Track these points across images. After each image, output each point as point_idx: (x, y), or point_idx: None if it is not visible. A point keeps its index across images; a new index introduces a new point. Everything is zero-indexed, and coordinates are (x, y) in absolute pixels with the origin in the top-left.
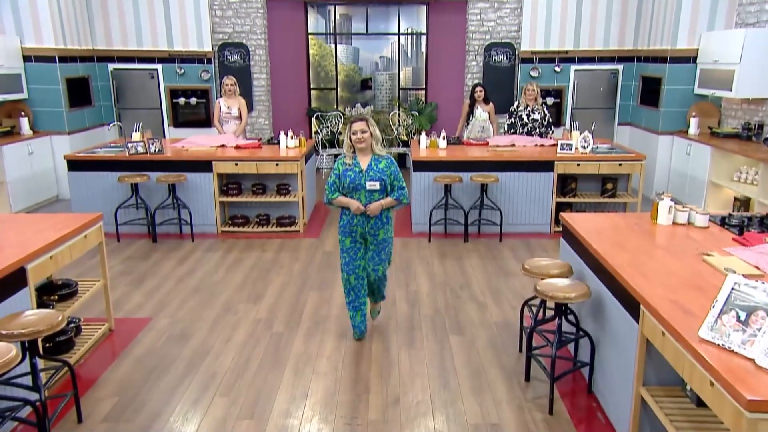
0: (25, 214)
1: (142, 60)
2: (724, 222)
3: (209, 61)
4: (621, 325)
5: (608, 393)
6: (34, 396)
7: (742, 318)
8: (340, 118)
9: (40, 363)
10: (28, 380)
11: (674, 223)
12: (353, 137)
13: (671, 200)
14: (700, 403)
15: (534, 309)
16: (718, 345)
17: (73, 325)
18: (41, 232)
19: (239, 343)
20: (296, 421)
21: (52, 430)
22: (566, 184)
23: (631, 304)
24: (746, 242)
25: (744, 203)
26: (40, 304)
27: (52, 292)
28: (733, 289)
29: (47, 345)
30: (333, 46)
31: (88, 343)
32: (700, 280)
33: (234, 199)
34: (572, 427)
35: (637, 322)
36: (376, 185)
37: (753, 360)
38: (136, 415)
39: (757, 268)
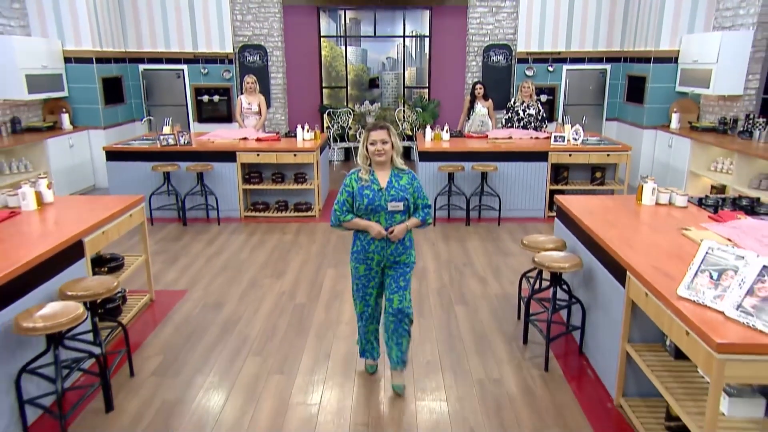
0: (78, 196)
1: (169, 61)
2: (701, 202)
3: (230, 61)
4: (609, 290)
5: (597, 352)
6: (96, 350)
7: (715, 277)
8: (350, 114)
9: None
10: (86, 339)
11: (657, 204)
12: (371, 148)
13: (654, 183)
14: (678, 356)
15: (531, 280)
16: (694, 301)
17: (120, 294)
18: (94, 211)
19: (266, 312)
20: (321, 377)
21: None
22: (559, 173)
23: (619, 272)
24: (720, 219)
25: (720, 191)
26: (93, 275)
27: (102, 265)
28: (707, 252)
29: (99, 311)
30: (343, 47)
31: (133, 310)
32: (679, 251)
33: (255, 186)
34: (565, 382)
35: (624, 287)
36: (399, 206)
37: (723, 312)
38: (179, 370)
39: (729, 240)
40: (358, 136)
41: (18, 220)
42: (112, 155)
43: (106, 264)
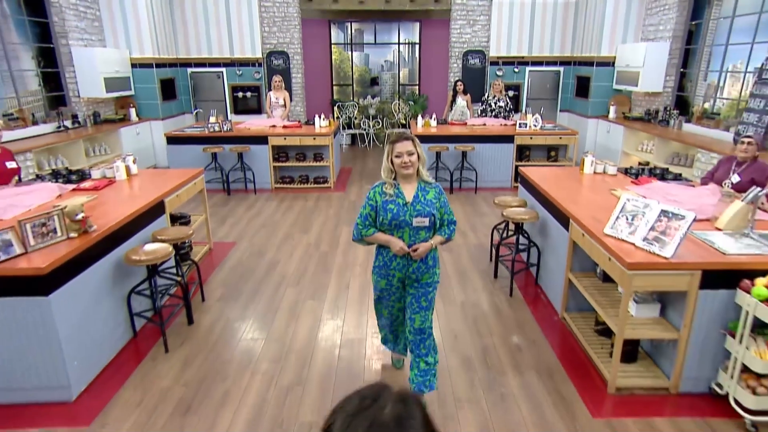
0: (154, 169)
1: (211, 65)
2: (626, 171)
3: (260, 64)
4: (557, 235)
5: (548, 281)
6: (179, 280)
7: (630, 219)
8: (355, 106)
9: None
10: (171, 272)
11: (594, 173)
12: (397, 161)
13: (593, 157)
14: (605, 280)
15: (499, 231)
16: (615, 237)
17: (187, 244)
18: (169, 180)
19: (298, 257)
20: (342, 302)
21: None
22: (522, 152)
23: (564, 221)
24: (638, 183)
25: (645, 165)
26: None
27: (175, 221)
28: (625, 203)
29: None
30: (349, 52)
31: (198, 255)
32: (608, 204)
33: (283, 164)
34: (524, 304)
35: (568, 231)
36: (425, 222)
37: (633, 243)
38: (237, 298)
39: (644, 196)
40: (362, 125)
41: (115, 187)
42: (172, 140)
43: (178, 220)
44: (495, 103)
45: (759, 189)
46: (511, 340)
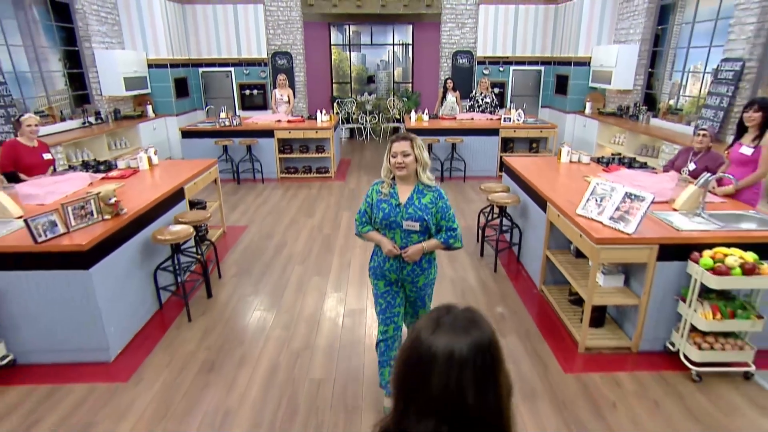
0: (173, 160)
1: (220, 65)
2: (598, 160)
3: (265, 64)
4: (536, 217)
5: (528, 259)
6: (198, 258)
7: (599, 201)
8: (353, 103)
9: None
10: (191, 251)
11: (570, 162)
12: (392, 160)
13: (569, 148)
14: (578, 256)
15: (485, 214)
16: (585, 216)
17: (204, 227)
18: (186, 170)
19: (304, 239)
20: (345, 277)
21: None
22: (507, 144)
23: (542, 204)
24: (608, 170)
25: (616, 156)
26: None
27: (192, 207)
28: (594, 187)
29: (194, 236)
30: (348, 53)
31: (213, 238)
32: (581, 189)
33: (288, 155)
34: (507, 279)
35: (545, 213)
36: (415, 226)
37: (601, 222)
38: (250, 275)
39: (612, 181)
40: (359, 119)
41: (139, 176)
42: (186, 134)
43: (195, 206)
44: (482, 100)
45: (709, 175)
46: (495, 310)
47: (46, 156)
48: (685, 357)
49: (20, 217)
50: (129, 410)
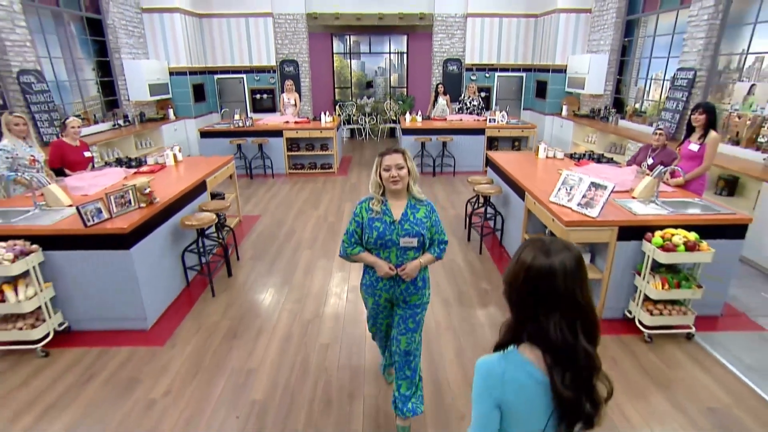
0: (195, 157)
1: (234, 72)
2: (571, 156)
3: (274, 71)
4: (516, 204)
5: (509, 241)
6: (219, 242)
7: (568, 190)
8: (354, 105)
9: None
10: (213, 236)
11: (546, 157)
12: (385, 174)
13: (546, 145)
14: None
15: (472, 203)
16: (557, 203)
17: (223, 216)
18: (207, 165)
19: (311, 227)
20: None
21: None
22: (492, 142)
23: (521, 193)
24: (579, 164)
25: (588, 152)
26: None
27: (213, 198)
28: (564, 178)
29: (216, 223)
30: (349, 60)
31: (231, 225)
32: (555, 180)
33: (295, 153)
34: (491, 260)
35: (523, 201)
36: (413, 242)
37: (570, 207)
38: (264, 257)
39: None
40: (359, 121)
41: (166, 170)
42: (204, 134)
43: (215, 197)
44: (470, 102)
45: (662, 168)
46: (480, 286)
47: (87, 154)
48: (639, 322)
49: (70, 206)
50: (166, 368)
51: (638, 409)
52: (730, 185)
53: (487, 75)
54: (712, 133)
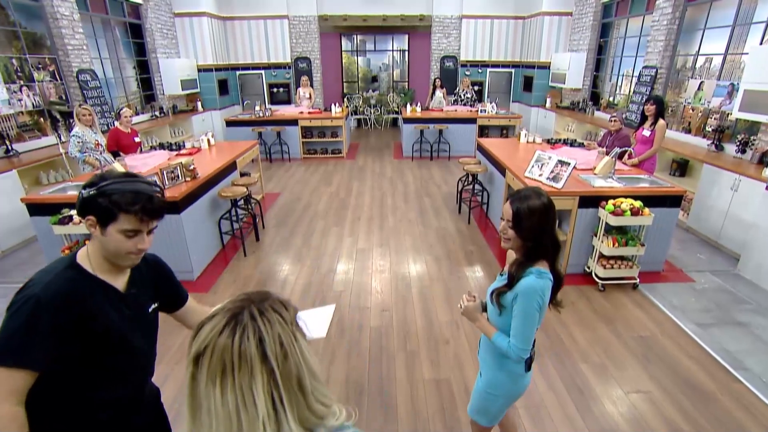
0: (224, 141)
1: (254, 68)
2: (548, 141)
3: (289, 67)
4: (498, 181)
5: (493, 213)
6: (248, 212)
7: (540, 167)
8: (360, 98)
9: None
10: (242, 207)
11: (527, 142)
12: None
13: (526, 131)
14: None
15: (462, 180)
16: (530, 177)
17: (250, 191)
18: (236, 148)
19: (325, 201)
20: (357, 227)
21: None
22: (483, 130)
23: (503, 171)
24: (554, 147)
25: (567, 139)
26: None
27: (242, 176)
28: (537, 156)
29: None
30: (356, 57)
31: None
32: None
33: (309, 140)
34: (477, 228)
35: (504, 177)
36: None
37: (541, 181)
38: (286, 226)
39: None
40: (365, 111)
41: (201, 153)
42: (229, 123)
43: (243, 175)
44: (464, 95)
45: (618, 150)
46: (468, 248)
47: (137, 139)
48: (595, 275)
49: None
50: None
51: (585, 336)
52: (681, 167)
53: (479, 70)
54: (660, 121)
